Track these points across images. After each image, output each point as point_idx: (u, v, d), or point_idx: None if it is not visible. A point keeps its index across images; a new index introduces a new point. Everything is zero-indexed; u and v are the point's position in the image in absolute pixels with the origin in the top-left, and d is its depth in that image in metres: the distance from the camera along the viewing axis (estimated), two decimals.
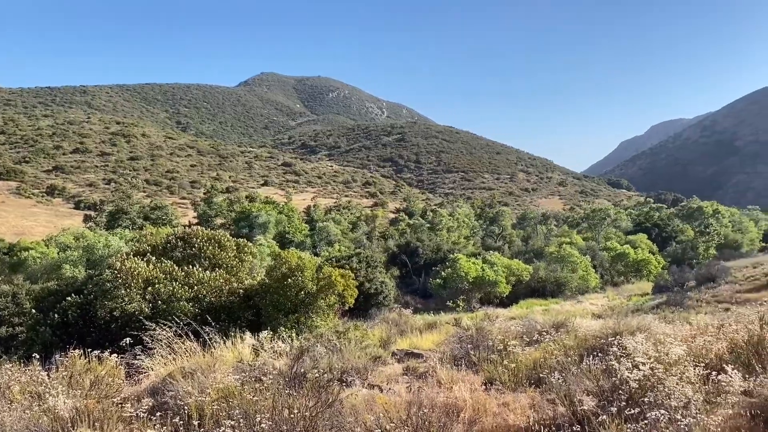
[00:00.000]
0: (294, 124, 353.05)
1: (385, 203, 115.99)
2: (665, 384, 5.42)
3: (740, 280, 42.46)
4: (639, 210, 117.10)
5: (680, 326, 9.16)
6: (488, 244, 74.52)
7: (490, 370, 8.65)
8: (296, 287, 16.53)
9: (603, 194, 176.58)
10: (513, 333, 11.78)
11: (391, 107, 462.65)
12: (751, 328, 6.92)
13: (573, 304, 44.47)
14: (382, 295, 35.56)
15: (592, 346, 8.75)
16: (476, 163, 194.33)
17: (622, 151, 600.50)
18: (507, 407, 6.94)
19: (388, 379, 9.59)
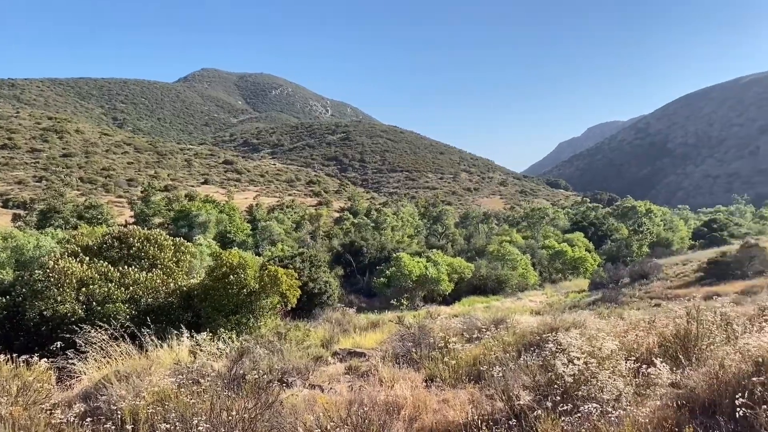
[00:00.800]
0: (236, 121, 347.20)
1: (330, 202, 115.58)
2: (598, 378, 5.59)
3: (671, 276, 44.39)
4: (576, 209, 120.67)
5: (614, 322, 9.48)
6: (432, 242, 75.26)
7: (431, 367, 8.73)
8: (237, 286, 16.23)
9: (542, 194, 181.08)
10: (454, 330, 11.93)
11: (335, 106, 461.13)
12: (679, 322, 7.21)
13: (513, 301, 45.43)
14: (326, 295, 35.39)
15: (530, 342, 8.96)
16: (420, 163, 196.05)
17: (561, 152, 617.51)
18: (447, 404, 7.01)
19: (330, 379, 9.55)
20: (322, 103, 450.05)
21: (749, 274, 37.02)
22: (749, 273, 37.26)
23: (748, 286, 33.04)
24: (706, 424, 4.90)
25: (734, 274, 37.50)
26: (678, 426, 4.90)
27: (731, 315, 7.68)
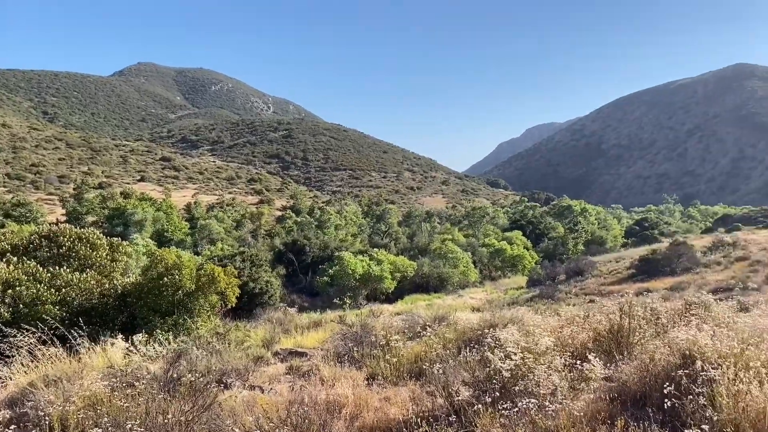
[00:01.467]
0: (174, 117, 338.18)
1: (272, 201, 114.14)
2: (535, 373, 5.72)
3: (605, 273, 45.91)
4: (515, 208, 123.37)
5: (550, 318, 9.72)
6: (375, 241, 75.42)
7: (373, 365, 8.73)
8: (174, 286, 15.79)
9: (483, 193, 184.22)
10: (396, 328, 11.98)
11: (277, 103, 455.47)
12: (612, 318, 7.45)
13: (454, 298, 46.03)
14: (267, 295, 34.94)
15: (470, 338, 9.08)
16: (364, 162, 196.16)
17: (501, 152, 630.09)
18: (388, 401, 7.03)
19: (271, 379, 9.43)
20: (264, 100, 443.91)
21: (678, 271, 38.72)
22: (678, 270, 38.97)
23: (677, 282, 34.58)
24: (636, 416, 5.07)
25: (664, 271, 39.15)
26: (611, 418, 5.06)
27: (660, 310, 8.01)
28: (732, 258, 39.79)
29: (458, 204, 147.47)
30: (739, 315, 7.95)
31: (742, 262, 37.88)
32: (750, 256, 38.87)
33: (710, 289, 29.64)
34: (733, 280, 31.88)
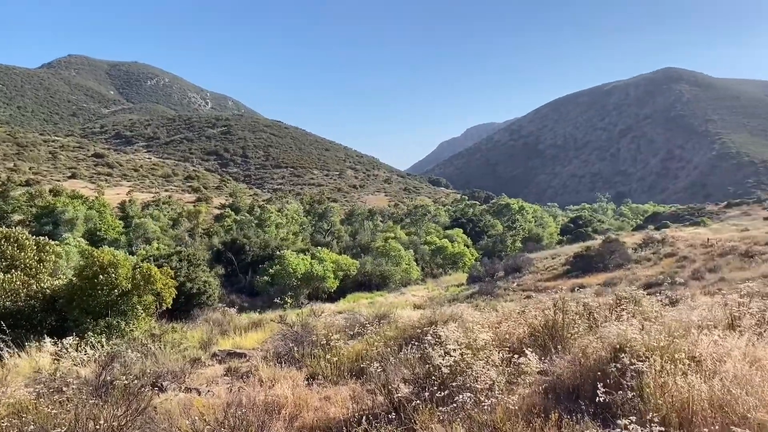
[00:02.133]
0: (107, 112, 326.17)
1: (210, 198, 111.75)
2: (473, 368, 5.79)
3: (541, 270, 47.14)
4: (456, 207, 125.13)
5: (488, 314, 9.88)
6: (317, 239, 75.01)
7: (314, 365, 8.68)
8: (108, 286, 15.24)
9: (424, 192, 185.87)
10: (337, 327, 11.95)
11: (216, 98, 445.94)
12: (547, 313, 7.64)
13: (397, 296, 46.30)
14: (205, 295, 34.19)
15: (411, 335, 9.14)
16: (305, 159, 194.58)
17: (442, 151, 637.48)
18: (328, 401, 7.00)
19: (208, 381, 9.24)
20: (202, 96, 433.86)
21: (610, 267, 40.15)
22: (610, 266, 40.41)
23: (609, 278, 35.86)
24: (570, 409, 5.21)
25: (597, 267, 40.53)
26: (545, 411, 5.18)
27: (593, 305, 8.27)
28: (661, 254, 41.56)
29: (400, 202, 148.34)
30: (666, 309, 8.31)
31: (671, 258, 39.61)
32: (678, 253, 40.68)
33: (641, 285, 30.86)
34: (662, 276, 33.24)
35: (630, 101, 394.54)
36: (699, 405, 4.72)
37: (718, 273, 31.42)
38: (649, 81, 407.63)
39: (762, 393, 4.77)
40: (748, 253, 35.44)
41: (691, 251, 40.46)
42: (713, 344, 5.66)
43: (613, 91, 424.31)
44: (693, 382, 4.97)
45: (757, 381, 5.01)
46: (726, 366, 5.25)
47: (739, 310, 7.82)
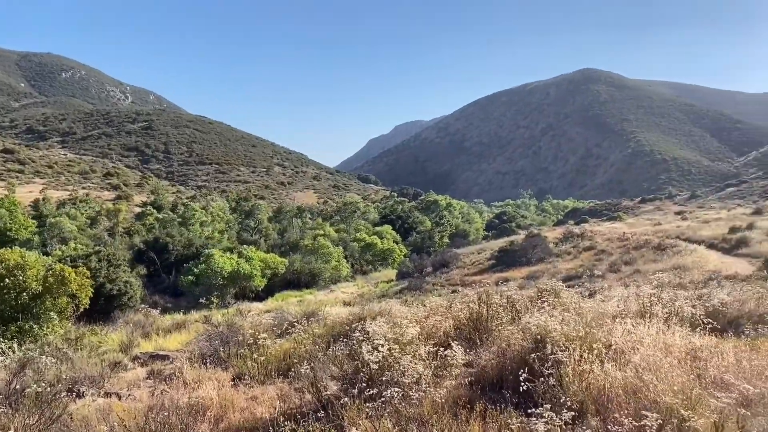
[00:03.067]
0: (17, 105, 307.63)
1: (130, 196, 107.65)
2: (401, 363, 5.84)
3: (468, 264, 48.14)
4: (385, 203, 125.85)
5: (416, 308, 9.99)
6: (244, 238, 73.65)
7: (240, 365, 8.53)
8: (15, 289, 14.40)
9: (354, 188, 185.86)
10: (265, 326, 11.79)
11: (136, 92, 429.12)
12: (472, 306, 7.80)
13: (326, 293, 46.18)
14: (126, 296, 32.94)
15: (340, 332, 9.12)
16: (231, 156, 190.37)
17: (371, 148, 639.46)
18: (255, 401, 6.90)
19: (129, 385, 8.91)
20: (121, 89, 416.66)
21: (533, 261, 41.49)
22: (533, 259, 41.76)
23: (532, 271, 37.05)
24: (494, 399, 5.34)
25: (521, 261, 41.77)
26: (470, 402, 5.28)
27: (516, 298, 8.50)
28: (580, 248, 43.29)
29: (330, 199, 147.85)
30: (585, 300, 8.64)
31: (589, 252, 41.33)
32: (596, 246, 42.50)
33: (562, 277, 32.07)
34: (582, 268, 34.69)
35: (551, 101, 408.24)
36: (614, 391, 4.94)
37: (633, 265, 33.03)
38: (568, 81, 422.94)
39: (671, 378, 5.04)
40: (660, 246, 37.44)
41: (609, 245, 42.36)
42: (627, 333, 5.94)
43: (535, 90, 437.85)
44: (609, 369, 5.20)
45: (666, 367, 5.29)
46: (638, 353, 5.52)
47: (651, 300, 8.25)
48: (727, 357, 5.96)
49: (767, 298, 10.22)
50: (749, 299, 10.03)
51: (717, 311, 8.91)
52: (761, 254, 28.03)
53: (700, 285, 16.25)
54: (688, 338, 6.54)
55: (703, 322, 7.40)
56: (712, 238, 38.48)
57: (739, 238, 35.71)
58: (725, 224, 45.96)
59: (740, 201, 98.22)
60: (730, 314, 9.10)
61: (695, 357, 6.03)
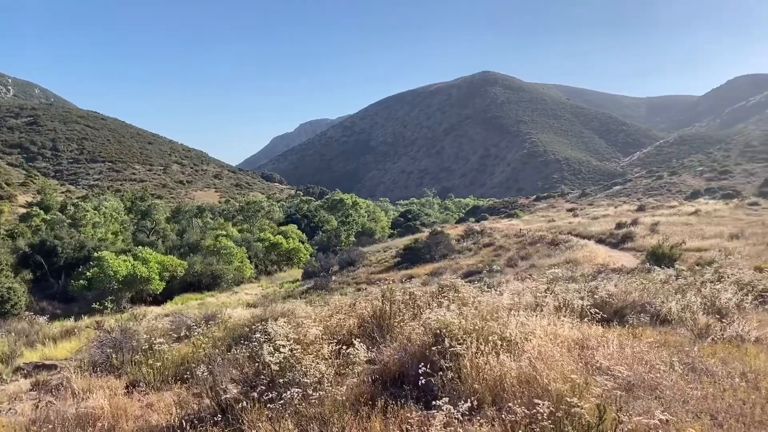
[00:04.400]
0: None
1: (13, 196, 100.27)
2: (303, 363, 5.79)
3: (374, 262, 48.52)
4: (290, 202, 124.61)
5: (320, 308, 9.95)
6: (140, 239, 70.45)
7: (134, 372, 8.16)
8: None
9: (257, 187, 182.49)
10: (162, 330, 11.34)
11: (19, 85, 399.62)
12: (375, 304, 7.86)
13: (229, 295, 45.12)
14: (9, 303, 30.69)
15: (241, 334, 8.93)
16: (126, 153, 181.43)
17: (275, 146, 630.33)
18: (151, 408, 6.62)
19: (11, 399, 8.30)
20: (3, 82, 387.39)
21: (436, 258, 42.43)
22: (436, 256, 42.71)
23: (436, 268, 37.86)
24: (395, 394, 5.40)
25: (425, 258, 42.61)
26: (372, 399, 5.32)
27: (418, 294, 8.65)
28: (481, 244, 44.72)
29: (232, 198, 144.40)
30: (483, 294, 8.93)
31: (489, 248, 42.77)
32: (495, 243, 44.03)
33: (463, 273, 33.04)
34: (482, 264, 35.82)
35: (452, 102, 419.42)
36: (509, 381, 5.13)
37: (529, 260, 34.48)
38: (468, 83, 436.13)
39: (561, 366, 5.30)
40: (554, 241, 39.30)
41: (506, 241, 44.01)
42: (521, 325, 6.19)
43: (437, 92, 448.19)
44: (504, 360, 5.39)
45: (557, 356, 5.56)
46: (531, 344, 5.77)
47: (544, 293, 8.65)
48: (612, 345, 6.35)
49: (650, 288, 10.99)
50: (633, 290, 10.70)
51: (604, 302, 9.45)
52: (644, 248, 30.01)
53: (590, 278, 17.19)
54: (577, 328, 6.91)
55: (590, 313, 7.84)
56: (600, 234, 40.81)
57: (625, 233, 38.11)
58: (612, 220, 48.92)
59: (626, 198, 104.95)
60: (615, 305, 9.66)
61: (583, 346, 6.38)
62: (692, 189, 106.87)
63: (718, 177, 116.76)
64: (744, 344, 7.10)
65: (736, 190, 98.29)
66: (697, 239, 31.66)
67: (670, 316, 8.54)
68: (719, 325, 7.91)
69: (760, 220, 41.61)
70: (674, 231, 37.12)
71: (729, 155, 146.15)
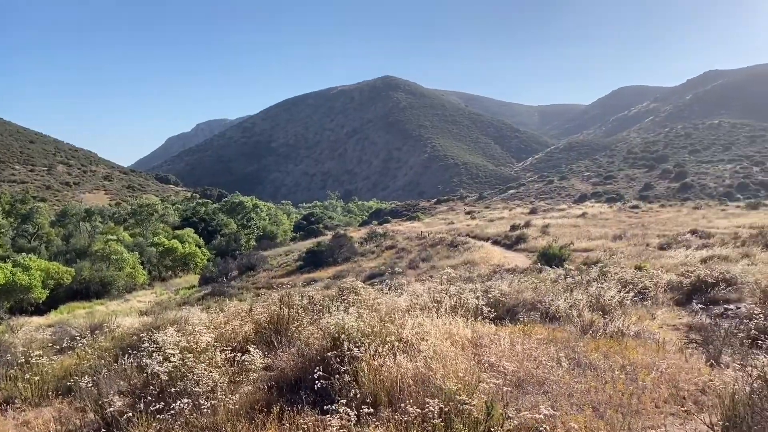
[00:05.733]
0: None
1: None
2: (195, 372, 5.58)
3: (275, 267, 47.85)
4: (186, 205, 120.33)
5: (216, 314, 9.65)
6: (21, 245, 65.61)
7: (9, 387, 7.56)
8: None
9: (151, 189, 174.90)
10: (42, 342, 10.62)
11: None
12: (272, 309, 7.71)
13: (120, 303, 43.00)
14: None
15: (129, 344, 8.50)
16: (4, 152, 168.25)
17: (170, 147, 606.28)
18: (27, 426, 6.18)
19: None
20: None
21: (339, 260, 42.44)
22: (339, 259, 42.71)
23: (339, 271, 37.86)
24: (292, 400, 5.32)
25: (328, 261, 42.49)
26: (268, 406, 5.20)
27: (317, 297, 8.59)
28: (383, 247, 45.22)
29: (124, 201, 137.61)
30: (383, 296, 9.00)
31: (391, 250, 43.32)
32: (397, 245, 44.66)
33: (366, 275, 33.25)
34: (384, 266, 36.22)
35: (355, 105, 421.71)
36: (405, 382, 5.18)
37: (430, 261, 35.22)
38: (371, 87, 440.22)
39: (455, 365, 5.42)
40: (453, 243, 40.41)
41: (408, 243, 44.77)
42: (418, 325, 6.28)
43: (340, 95, 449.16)
44: (401, 361, 5.44)
45: (451, 355, 5.69)
46: (427, 344, 5.86)
47: (441, 293, 8.84)
48: (504, 342, 6.58)
49: (540, 287, 11.52)
50: (525, 289, 11.19)
51: (498, 301, 9.81)
52: (536, 249, 31.48)
53: (486, 278, 17.80)
54: (471, 327, 7.10)
55: (485, 312, 8.10)
56: (496, 235, 42.42)
57: (519, 234, 39.83)
58: (507, 223, 51.03)
59: (520, 201, 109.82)
60: (508, 303, 10.04)
61: (477, 344, 6.57)
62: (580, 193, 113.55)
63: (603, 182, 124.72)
64: (624, 339, 7.57)
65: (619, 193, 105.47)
66: (585, 240, 33.60)
67: (559, 313, 8.98)
68: (603, 321, 8.41)
69: (640, 222, 44.88)
70: (564, 232, 39.23)
71: (613, 161, 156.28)
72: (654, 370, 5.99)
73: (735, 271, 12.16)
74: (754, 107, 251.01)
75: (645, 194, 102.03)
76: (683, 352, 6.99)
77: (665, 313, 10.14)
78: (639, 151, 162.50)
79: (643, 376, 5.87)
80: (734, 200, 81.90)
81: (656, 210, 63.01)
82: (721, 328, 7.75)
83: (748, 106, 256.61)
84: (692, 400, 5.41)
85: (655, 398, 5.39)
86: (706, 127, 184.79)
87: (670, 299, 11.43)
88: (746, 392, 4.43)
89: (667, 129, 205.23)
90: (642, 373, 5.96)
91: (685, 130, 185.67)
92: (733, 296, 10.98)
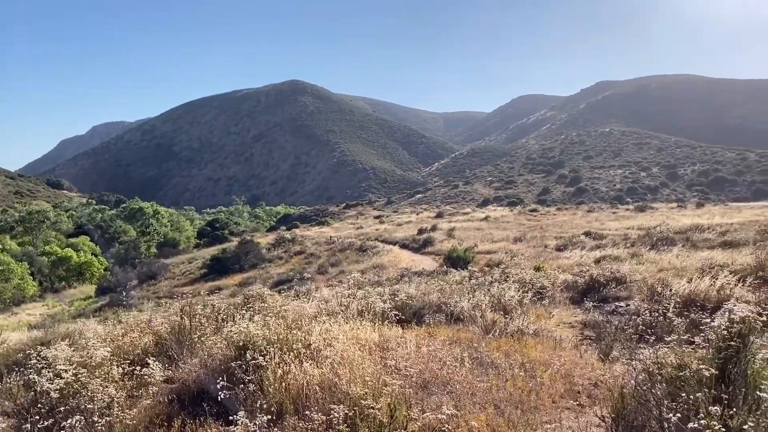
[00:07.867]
0: None
1: None
2: (89, 388, 5.29)
3: (178, 275, 46.23)
4: (81, 212, 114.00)
5: (113, 326, 9.19)
6: None
7: None
8: None
9: (42, 195, 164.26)
10: None
11: None
12: (173, 319, 7.45)
13: (7, 317, 40.11)
14: None
15: (15, 361, 7.93)
16: None
17: (63, 150, 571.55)
18: None
19: None
20: None
21: (246, 267, 41.59)
22: (246, 266, 41.86)
23: (245, 278, 37.09)
24: (194, 413, 5.15)
25: (234, 268, 41.55)
26: (168, 420, 5.01)
27: (221, 306, 8.37)
28: (291, 252, 44.75)
29: (10, 207, 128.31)
30: (291, 303, 8.90)
31: (300, 256, 42.95)
32: (306, 250, 44.34)
33: (274, 282, 32.76)
34: (292, 272, 35.83)
35: (262, 108, 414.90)
36: (312, 389, 5.14)
37: (339, 266, 35.22)
38: (278, 91, 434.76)
39: (361, 370, 5.44)
40: (362, 247, 40.60)
41: (317, 248, 44.57)
42: (325, 331, 6.26)
43: (246, 97, 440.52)
44: (307, 368, 5.40)
45: (358, 360, 5.70)
46: (334, 349, 5.86)
47: (348, 298, 8.86)
48: (410, 345, 6.68)
49: (446, 289, 11.79)
50: (431, 291, 11.41)
51: (404, 304, 9.94)
52: (442, 252, 32.19)
53: (394, 281, 18.02)
54: (378, 331, 7.16)
55: (391, 316, 8.19)
56: (404, 239, 43.02)
57: (426, 238, 40.60)
58: (415, 226, 51.91)
59: (426, 206, 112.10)
60: (415, 306, 10.19)
61: (384, 347, 6.63)
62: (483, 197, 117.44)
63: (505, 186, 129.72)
64: (524, 337, 7.88)
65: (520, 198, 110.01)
66: (488, 243, 34.72)
67: (463, 314, 9.22)
68: (504, 320, 8.71)
69: (539, 225, 46.92)
70: (468, 236, 40.37)
71: (513, 167, 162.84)
72: (551, 367, 6.28)
73: (624, 270, 12.93)
74: (641, 116, 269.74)
75: (543, 198, 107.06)
76: (578, 349, 7.36)
77: (562, 312, 10.63)
78: (537, 157, 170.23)
79: (541, 372, 6.14)
80: (624, 203, 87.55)
81: (553, 213, 66.13)
82: (612, 325, 8.22)
83: (636, 114, 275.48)
84: (586, 394, 5.71)
85: (552, 394, 5.65)
86: (598, 135, 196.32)
87: (567, 298, 11.99)
88: (632, 385, 4.73)
89: (563, 136, 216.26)
90: (540, 369, 6.23)
91: (579, 137, 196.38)
92: (623, 294, 11.68)
